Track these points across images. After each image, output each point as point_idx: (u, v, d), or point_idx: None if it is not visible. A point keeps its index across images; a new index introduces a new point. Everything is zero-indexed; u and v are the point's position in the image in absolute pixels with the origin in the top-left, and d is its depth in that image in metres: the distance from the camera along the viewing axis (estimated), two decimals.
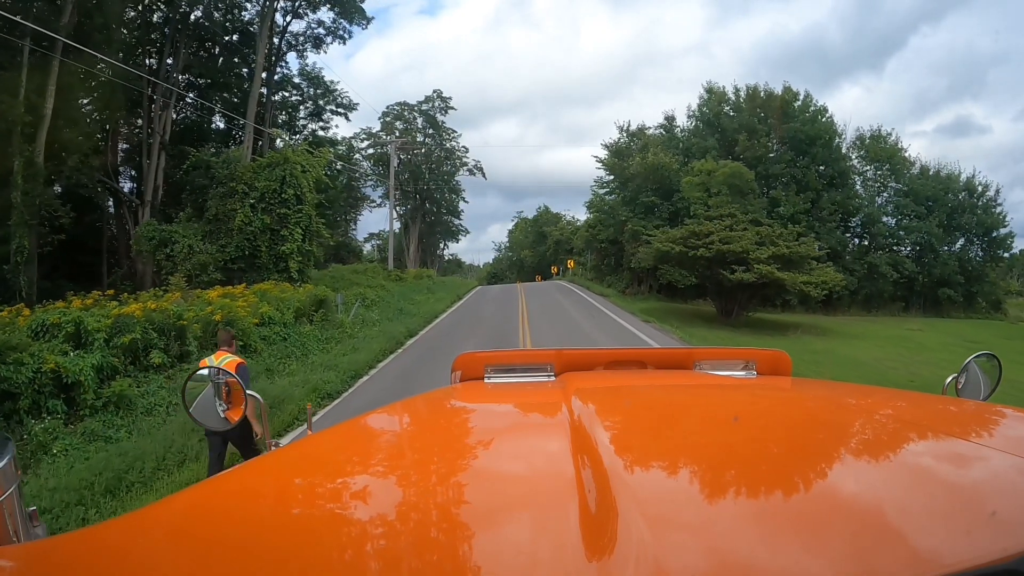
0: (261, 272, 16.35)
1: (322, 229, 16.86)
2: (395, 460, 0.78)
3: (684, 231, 18.45)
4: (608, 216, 26.30)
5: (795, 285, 17.64)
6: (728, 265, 17.56)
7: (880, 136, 34.47)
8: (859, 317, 29.88)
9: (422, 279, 28.40)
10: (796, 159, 27.80)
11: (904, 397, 1.07)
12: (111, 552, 0.58)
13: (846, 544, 0.45)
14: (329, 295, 14.05)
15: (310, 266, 16.59)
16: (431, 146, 45.78)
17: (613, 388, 1.18)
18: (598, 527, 0.48)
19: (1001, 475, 0.58)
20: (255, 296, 13.10)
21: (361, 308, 15.12)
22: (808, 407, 0.96)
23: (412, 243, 45.60)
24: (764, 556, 0.44)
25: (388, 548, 0.52)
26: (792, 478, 0.60)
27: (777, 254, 17.79)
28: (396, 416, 1.01)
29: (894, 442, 0.72)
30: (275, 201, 16.37)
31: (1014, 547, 0.41)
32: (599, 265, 33.99)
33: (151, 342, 9.05)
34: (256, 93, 22.47)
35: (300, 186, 16.29)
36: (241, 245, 16.10)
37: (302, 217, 16.24)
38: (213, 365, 4.18)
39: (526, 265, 60.82)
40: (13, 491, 1.35)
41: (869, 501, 0.53)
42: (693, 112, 29.48)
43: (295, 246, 15.88)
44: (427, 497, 0.60)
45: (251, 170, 16.82)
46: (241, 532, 0.57)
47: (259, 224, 16.20)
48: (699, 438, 0.76)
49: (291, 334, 12.19)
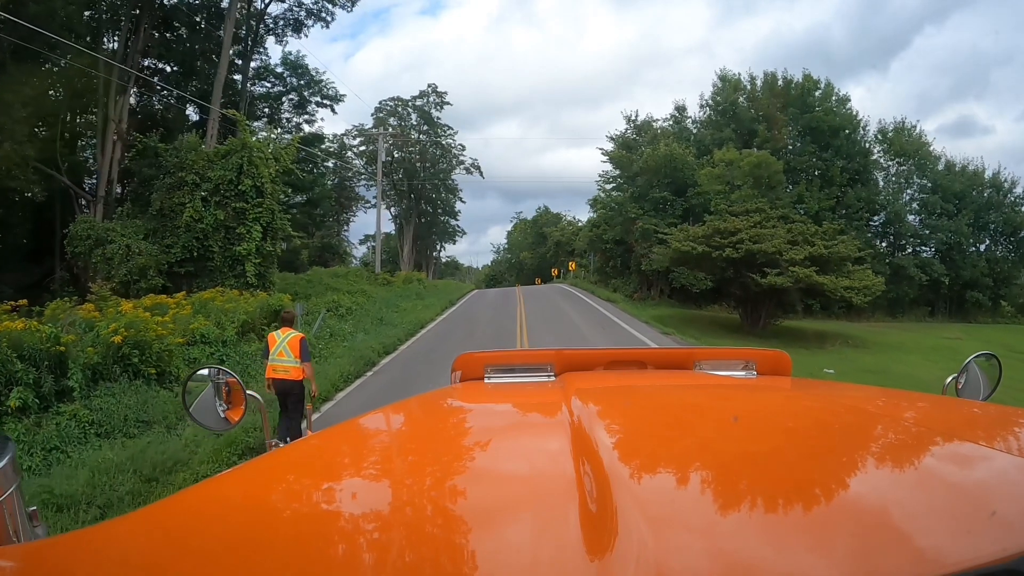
0: (214, 276, 13.95)
1: (287, 226, 14.42)
2: (395, 460, 0.78)
3: (707, 228, 16.01)
4: (616, 214, 23.79)
5: (836, 291, 15.24)
6: (759, 268, 15.16)
7: (903, 129, 32.17)
8: (884, 324, 27.60)
9: (412, 283, 25.96)
10: (820, 152, 25.46)
11: (904, 397, 1.05)
12: (111, 552, 0.57)
13: (846, 544, 0.45)
14: (287, 304, 11.64)
15: (272, 269, 14.15)
16: (426, 143, 43.62)
17: (613, 388, 1.18)
18: (598, 527, 0.48)
19: (1001, 475, 0.57)
20: (193, 307, 10.73)
21: (327, 319, 12.69)
22: (808, 407, 0.95)
23: (406, 245, 43.48)
24: (765, 556, 0.45)
25: (388, 548, 0.52)
26: (792, 478, 0.59)
27: (814, 255, 15.40)
28: (396, 416, 1.01)
29: (894, 442, 0.72)
30: (231, 194, 13.98)
31: (1014, 547, 0.41)
32: (603, 267, 31.58)
33: (15, 375, 6.66)
34: (222, 76, 20.05)
35: (260, 176, 13.89)
36: (189, 245, 13.69)
37: (262, 212, 13.83)
38: (280, 339, 5.61)
39: (525, 267, 58.99)
40: (13, 491, 1.19)
41: (869, 501, 0.53)
42: (706, 101, 27.11)
43: (253, 246, 13.46)
44: (427, 497, 0.60)
45: (205, 158, 14.42)
46: (241, 532, 0.57)
47: (211, 220, 13.79)
48: (699, 438, 0.75)
49: (230, 355, 9.79)
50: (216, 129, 19.12)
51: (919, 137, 32.46)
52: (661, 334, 14.41)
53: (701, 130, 26.92)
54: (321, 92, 32.36)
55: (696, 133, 26.94)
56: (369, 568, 0.49)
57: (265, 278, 14.02)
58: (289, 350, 5.63)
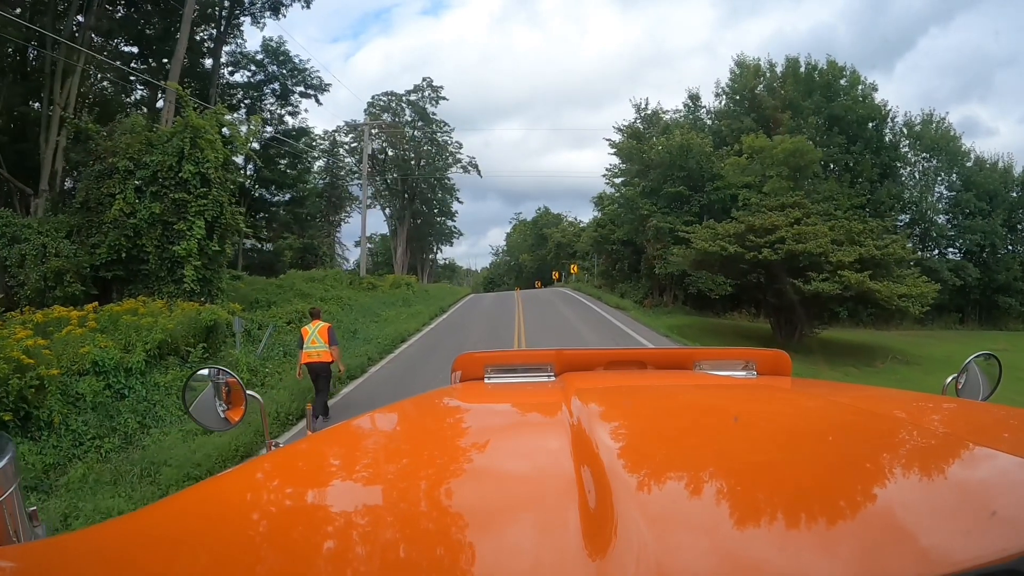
0: (149, 282, 11.57)
1: (240, 222, 12.00)
2: (395, 460, 0.77)
3: (739, 226, 13.61)
4: (626, 211, 21.34)
5: (891, 300, 12.87)
6: (802, 271, 12.80)
7: (930, 122, 29.86)
8: (913, 332, 25.28)
9: (400, 287, 23.56)
10: (848, 144, 23.12)
11: (904, 397, 1.05)
12: (111, 552, 0.57)
13: (847, 543, 0.45)
14: (222, 317, 9.27)
15: (220, 273, 11.74)
16: (420, 139, 41.35)
17: (613, 388, 1.17)
18: (599, 527, 0.48)
19: (1001, 475, 0.57)
20: (99, 322, 8.36)
21: (275, 335, 10.27)
22: (808, 407, 0.95)
23: (399, 246, 41.22)
24: (765, 556, 0.44)
25: (388, 547, 0.52)
26: (793, 478, 0.59)
27: (866, 256, 13.04)
28: (396, 416, 1.01)
29: (894, 442, 0.71)
30: (171, 183, 11.60)
31: (1014, 547, 0.41)
32: (609, 270, 29.19)
33: None
34: (181, 53, 17.69)
35: (206, 162, 11.51)
36: (117, 244, 11.29)
37: (207, 204, 11.43)
38: (312, 330, 6.82)
39: (525, 270, 56.97)
40: (13, 491, 1.26)
41: (869, 501, 0.53)
42: (723, 89, 24.71)
43: (194, 244, 11.06)
44: (427, 497, 0.60)
45: (143, 141, 12.04)
46: (241, 532, 0.57)
47: (146, 214, 11.39)
48: (699, 438, 0.75)
49: (133, 387, 7.40)
50: (172, 112, 16.75)
51: (947, 131, 30.24)
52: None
53: (716, 121, 24.55)
54: (305, 81, 30.08)
55: (711, 124, 24.56)
56: (369, 566, 0.48)
57: (211, 284, 11.61)
58: (320, 337, 6.78)
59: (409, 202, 41.77)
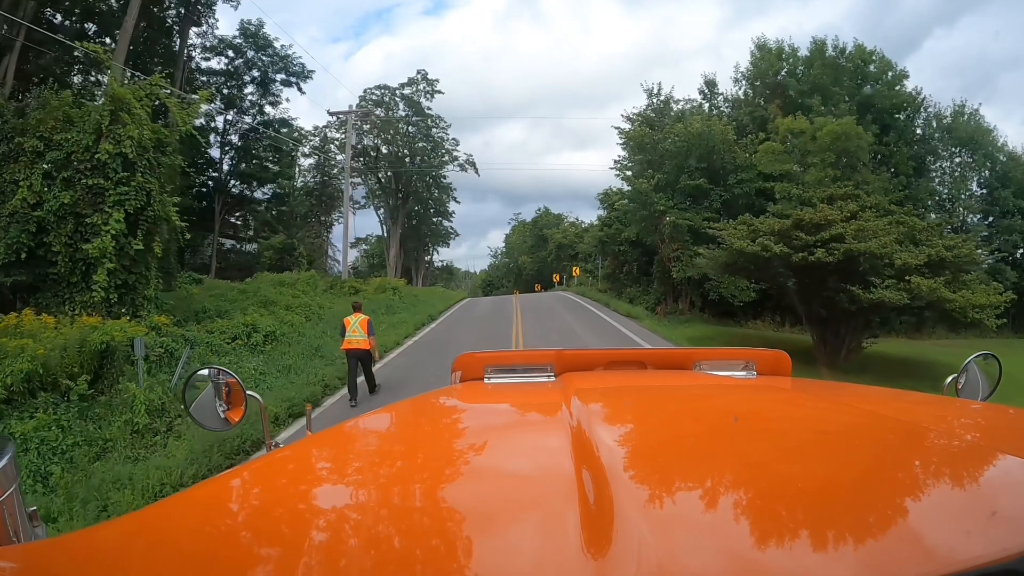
0: (59, 289, 9.32)
1: (173, 215, 9.72)
2: (394, 460, 0.76)
3: (785, 221, 11.29)
4: (638, 207, 19.05)
5: (966, 310, 10.61)
6: (863, 276, 10.53)
7: (962, 113, 27.63)
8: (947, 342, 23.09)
9: (385, 292, 21.28)
10: (881, 134, 20.89)
11: (904, 397, 1.03)
12: (111, 552, 0.57)
13: (847, 543, 0.45)
14: (117, 338, 6.98)
15: (147, 277, 9.45)
16: (414, 135, 39.11)
17: (613, 388, 1.17)
18: (599, 527, 0.48)
19: (1001, 475, 0.57)
20: None
21: (191, 359, 7.93)
22: (808, 407, 0.94)
23: (392, 247, 38.99)
24: (765, 555, 0.44)
25: (388, 547, 0.52)
26: (793, 478, 0.59)
27: (934, 259, 10.79)
28: (396, 416, 1.00)
29: (894, 442, 0.71)
30: (85, 167, 9.34)
31: (1014, 547, 0.41)
32: (615, 273, 26.89)
33: None
34: (129, 26, 15.43)
35: (128, 139, 9.24)
36: (18, 242, 9.04)
37: (129, 193, 9.16)
38: (353, 321, 7.64)
39: (524, 272, 54.78)
40: (13, 491, 1.21)
41: (869, 501, 0.53)
42: (742, 73, 22.44)
43: (108, 242, 8.79)
44: (427, 497, 0.60)
45: (58, 118, 9.79)
46: (241, 533, 0.57)
47: (54, 205, 9.15)
48: (699, 438, 0.74)
49: None
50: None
51: (979, 123, 28.01)
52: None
53: (735, 109, 22.29)
54: (287, 68, 27.83)
55: (729, 113, 22.30)
56: (369, 566, 0.48)
57: (135, 292, 9.33)
58: (360, 328, 7.68)
59: (403, 201, 39.58)
